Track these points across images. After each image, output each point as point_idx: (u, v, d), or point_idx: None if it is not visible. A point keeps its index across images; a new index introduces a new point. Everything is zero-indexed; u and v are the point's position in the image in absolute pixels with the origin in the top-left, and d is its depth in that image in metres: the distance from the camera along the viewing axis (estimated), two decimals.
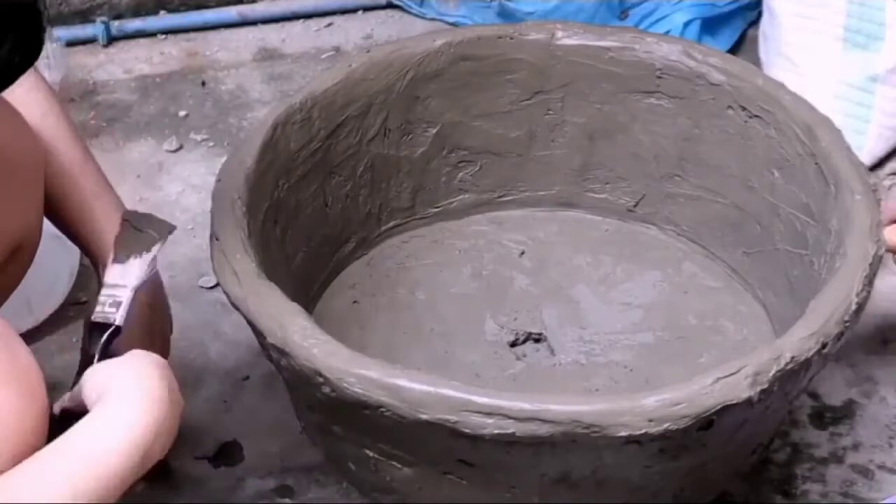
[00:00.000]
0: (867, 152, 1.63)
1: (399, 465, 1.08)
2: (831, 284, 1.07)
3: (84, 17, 1.95)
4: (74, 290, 1.49)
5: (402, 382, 0.98)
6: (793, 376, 1.01)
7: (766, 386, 0.98)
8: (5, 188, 1.03)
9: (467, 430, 0.97)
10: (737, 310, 1.34)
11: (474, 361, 1.30)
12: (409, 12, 2.02)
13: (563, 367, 1.30)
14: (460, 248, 1.43)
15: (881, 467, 1.30)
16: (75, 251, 1.49)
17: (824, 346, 1.02)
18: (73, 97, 1.83)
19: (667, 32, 1.80)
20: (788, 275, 1.26)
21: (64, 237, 1.20)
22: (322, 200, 1.32)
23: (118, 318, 1.07)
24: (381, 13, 2.03)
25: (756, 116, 1.28)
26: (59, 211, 1.15)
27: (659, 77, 1.34)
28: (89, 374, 0.95)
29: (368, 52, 1.36)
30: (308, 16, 2.02)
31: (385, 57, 1.34)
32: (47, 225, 1.15)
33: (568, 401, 0.97)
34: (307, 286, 1.31)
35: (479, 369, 1.29)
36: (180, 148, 1.75)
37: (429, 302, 1.37)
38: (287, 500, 1.28)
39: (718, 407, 0.97)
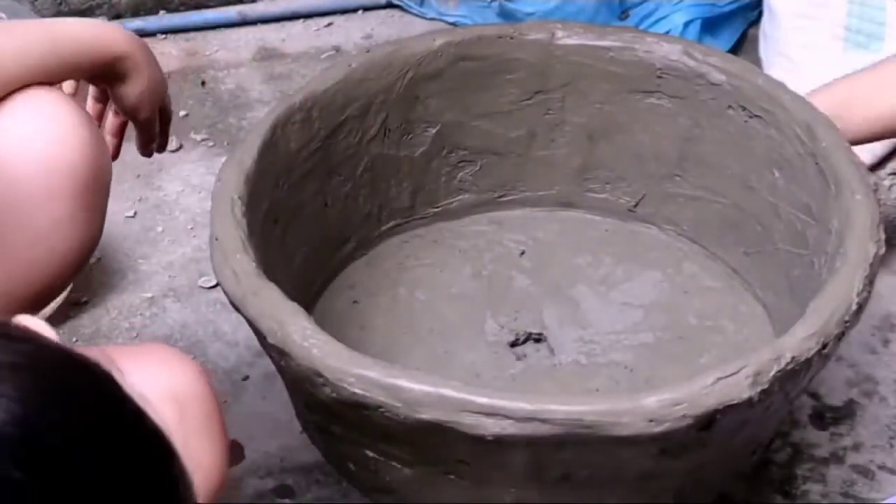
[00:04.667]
0: (867, 152, 1.62)
1: (399, 465, 1.07)
2: (831, 284, 1.07)
3: (83, 17, 1.95)
4: (75, 290, 1.49)
5: (402, 382, 0.98)
6: (793, 376, 1.01)
7: (766, 386, 0.98)
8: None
9: (467, 430, 0.97)
10: (737, 310, 1.34)
11: (474, 361, 1.30)
12: (409, 12, 2.02)
13: (563, 367, 1.30)
14: (460, 248, 1.43)
15: (882, 467, 1.30)
16: None
17: (825, 346, 1.02)
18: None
19: (667, 32, 1.80)
20: (789, 275, 1.26)
21: None
22: (322, 200, 1.32)
23: None
24: (381, 13, 2.03)
25: (756, 116, 1.28)
26: None
27: (659, 77, 1.34)
28: None
29: (368, 52, 1.36)
30: (308, 16, 2.02)
31: (385, 57, 1.34)
32: None
33: (568, 401, 0.97)
34: (307, 286, 1.30)
35: (479, 369, 1.29)
36: (180, 148, 1.75)
37: (429, 302, 1.37)
38: (287, 500, 1.28)
39: (719, 407, 0.97)
